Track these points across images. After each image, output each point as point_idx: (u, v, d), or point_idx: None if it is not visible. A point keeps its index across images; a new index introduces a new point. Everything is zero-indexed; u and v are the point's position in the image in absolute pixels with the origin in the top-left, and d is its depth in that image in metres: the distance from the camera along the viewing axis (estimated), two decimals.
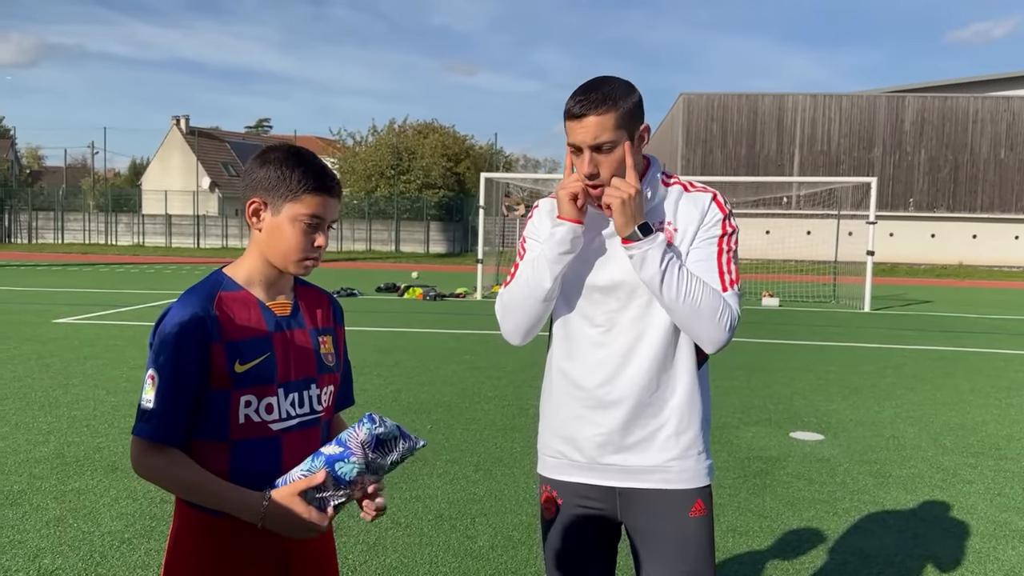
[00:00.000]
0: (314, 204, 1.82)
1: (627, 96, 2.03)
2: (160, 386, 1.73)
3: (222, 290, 1.84)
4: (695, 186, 2.19)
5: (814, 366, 10.04)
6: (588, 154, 2.03)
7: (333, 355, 1.97)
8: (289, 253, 1.84)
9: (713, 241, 2.10)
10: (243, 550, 1.80)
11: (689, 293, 2.02)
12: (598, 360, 2.13)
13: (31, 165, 72.86)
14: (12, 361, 8.90)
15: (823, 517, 4.78)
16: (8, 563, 3.83)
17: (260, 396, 1.80)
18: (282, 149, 1.86)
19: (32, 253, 36.03)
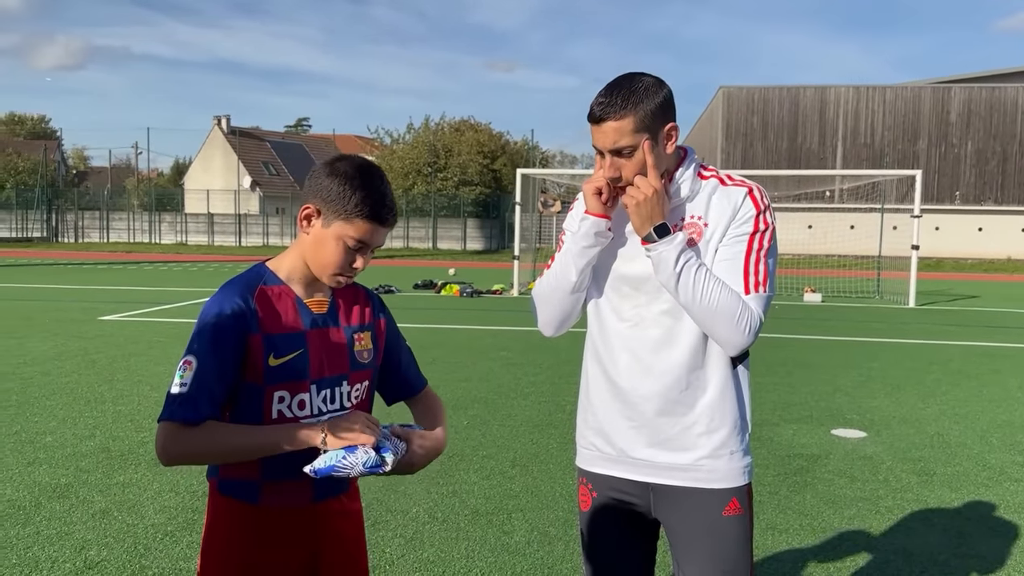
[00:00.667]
0: (364, 230, 1.82)
1: (650, 97, 1.98)
2: (197, 370, 1.74)
3: (263, 283, 1.87)
4: (733, 179, 2.13)
5: (857, 362, 9.88)
6: (609, 158, 2.02)
7: (369, 351, 1.99)
8: (326, 267, 1.86)
9: (743, 239, 2.04)
10: (275, 537, 1.83)
11: (705, 296, 1.98)
12: (627, 355, 2.12)
13: (77, 166, 74.55)
14: (60, 358, 9.12)
15: (865, 515, 4.69)
16: (56, 554, 3.93)
17: (293, 392, 1.83)
18: (353, 164, 1.84)
19: (79, 252, 36.85)
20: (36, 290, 17.53)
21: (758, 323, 2.01)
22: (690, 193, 2.09)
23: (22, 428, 6.13)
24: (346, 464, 1.74)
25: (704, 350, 2.08)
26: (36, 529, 4.22)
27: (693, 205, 2.09)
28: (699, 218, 2.08)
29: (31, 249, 38.52)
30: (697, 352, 2.07)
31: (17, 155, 52.26)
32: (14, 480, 4.96)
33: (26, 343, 10.04)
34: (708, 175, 2.14)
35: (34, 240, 45.35)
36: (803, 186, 32.89)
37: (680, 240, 2.00)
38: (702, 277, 1.98)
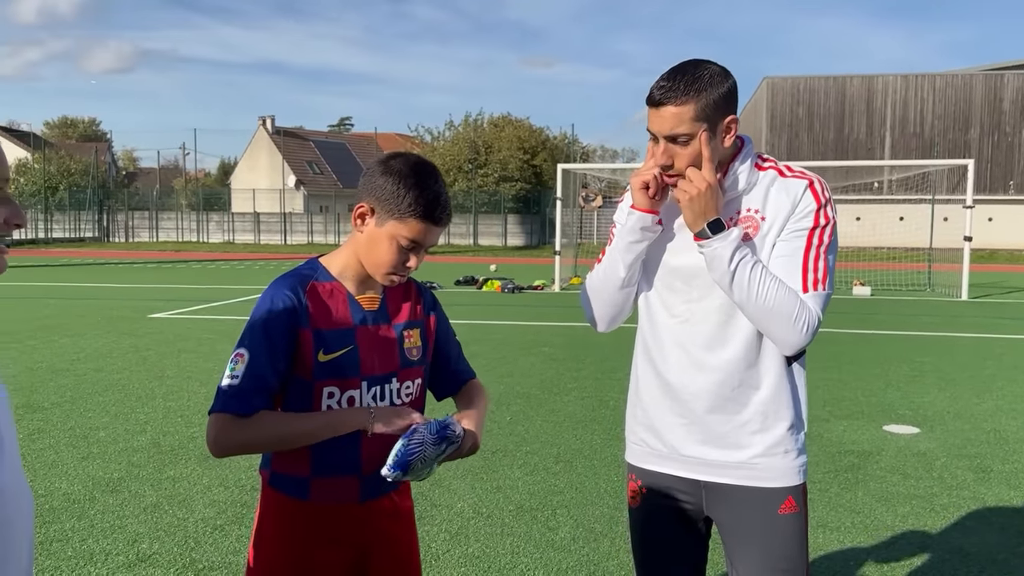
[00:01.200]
0: (417, 230, 1.81)
1: (714, 86, 1.92)
2: (248, 363, 1.76)
3: (315, 279, 1.87)
4: (792, 171, 2.06)
5: (908, 357, 9.66)
6: (663, 144, 1.96)
7: (419, 348, 1.98)
8: (380, 265, 1.85)
9: (802, 234, 1.97)
10: (325, 535, 1.83)
11: (760, 295, 1.92)
12: (677, 351, 2.07)
13: (127, 167, 76.21)
14: (112, 355, 9.32)
15: (919, 513, 4.58)
16: (109, 547, 4.00)
17: (343, 388, 1.83)
18: (407, 162, 1.83)
19: (129, 251, 37.66)
20: (89, 289, 17.95)
21: (816, 323, 1.95)
22: (747, 185, 2.02)
23: (76, 424, 6.28)
24: (415, 443, 1.74)
25: (758, 347, 2.02)
26: (90, 522, 4.31)
27: (750, 198, 2.03)
28: (756, 211, 2.01)
29: (84, 249, 39.48)
30: (751, 349, 2.02)
31: (69, 157, 53.56)
32: (69, 474, 5.07)
33: (79, 340, 10.28)
34: (766, 166, 2.07)
35: (86, 240, 46.45)
36: (851, 177, 32.28)
37: (735, 236, 1.93)
38: (758, 275, 1.92)
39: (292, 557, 1.84)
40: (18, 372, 8.20)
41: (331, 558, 1.84)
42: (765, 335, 1.99)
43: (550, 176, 38.60)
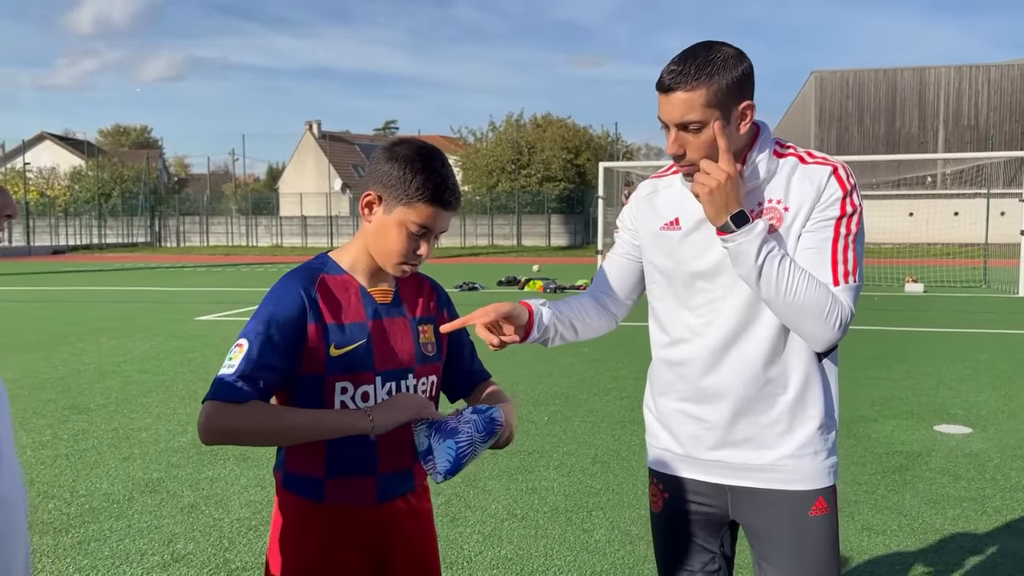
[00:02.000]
0: (426, 214, 1.76)
1: (728, 69, 1.81)
2: (247, 353, 1.71)
3: (325, 272, 1.83)
4: (813, 156, 1.95)
5: (962, 354, 9.35)
6: (674, 132, 1.86)
7: (433, 345, 1.93)
8: (390, 255, 1.81)
9: (829, 224, 1.87)
10: (342, 537, 1.79)
11: (790, 290, 1.82)
12: (700, 350, 1.98)
13: (178, 173, 77.90)
14: (158, 356, 9.47)
15: (970, 516, 4.40)
16: (145, 547, 4.04)
17: (356, 383, 1.78)
18: (412, 147, 1.79)
19: (180, 256, 38.44)
20: (139, 292, 18.34)
21: (848, 316, 1.85)
22: (767, 174, 1.91)
23: (120, 424, 6.37)
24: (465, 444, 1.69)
25: (783, 344, 1.93)
26: (128, 522, 4.35)
27: (771, 187, 1.92)
28: (778, 202, 1.90)
29: (136, 253, 40.41)
30: (776, 346, 1.92)
31: (122, 164, 54.92)
32: (110, 475, 5.14)
33: (127, 343, 10.48)
34: (786, 153, 1.96)
35: (139, 245, 47.56)
36: (903, 171, 31.55)
37: (760, 229, 1.83)
38: (786, 269, 1.82)
39: (309, 561, 1.80)
40: (66, 374, 8.38)
41: (349, 561, 1.80)
42: (795, 332, 1.89)
43: (593, 175, 38.42)
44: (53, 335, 11.18)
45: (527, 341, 2.04)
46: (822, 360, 1.96)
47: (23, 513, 1.29)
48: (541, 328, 2.06)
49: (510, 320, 1.99)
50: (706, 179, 1.83)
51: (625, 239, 2.19)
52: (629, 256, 2.19)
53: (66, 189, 53.28)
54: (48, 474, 5.15)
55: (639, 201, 2.14)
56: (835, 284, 1.85)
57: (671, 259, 2.02)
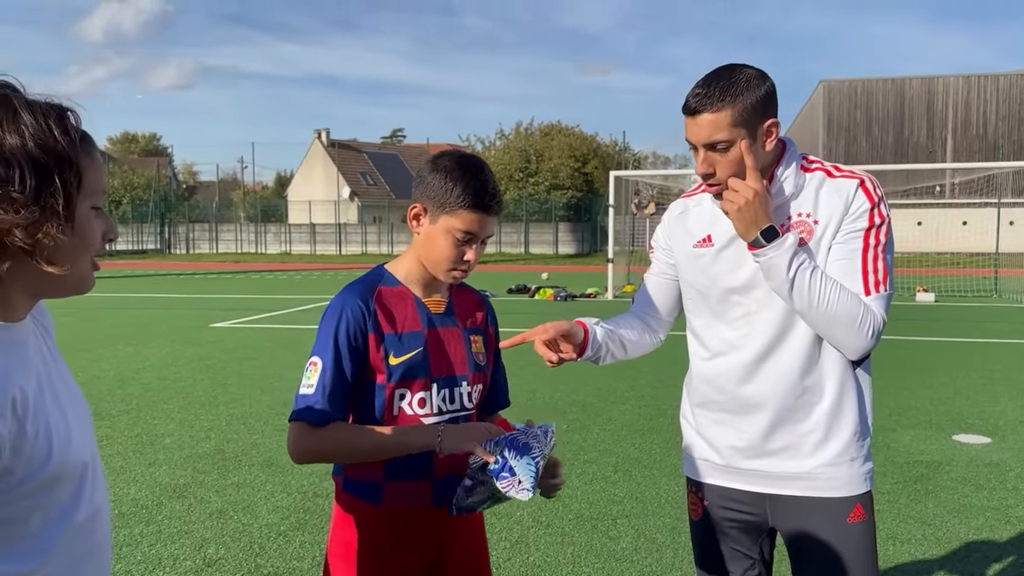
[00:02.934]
0: (469, 220, 1.83)
1: (751, 90, 1.87)
2: (321, 372, 1.80)
3: (382, 284, 1.91)
4: (841, 170, 2.00)
5: (977, 364, 9.36)
6: (703, 153, 1.92)
7: (484, 355, 1.99)
8: (439, 262, 1.88)
9: (858, 235, 1.92)
10: (400, 540, 1.84)
11: (822, 302, 1.87)
12: (737, 361, 2.02)
13: (187, 180, 78.21)
14: (176, 363, 9.54)
15: (994, 525, 4.42)
16: (177, 551, 4.09)
17: (414, 390, 1.85)
18: (453, 158, 1.87)
19: (190, 262, 38.58)
20: (152, 299, 18.43)
21: (881, 325, 1.91)
22: (795, 189, 1.97)
23: (143, 431, 6.43)
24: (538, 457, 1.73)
25: (819, 354, 1.97)
26: (158, 528, 4.40)
27: (799, 202, 1.97)
28: (808, 216, 1.95)
29: (146, 260, 40.57)
30: (811, 356, 1.97)
31: (132, 172, 55.21)
32: (137, 480, 5.20)
33: (144, 349, 10.55)
34: (813, 167, 2.01)
35: (148, 252, 47.74)
36: (911, 181, 31.50)
37: (791, 243, 1.88)
38: (818, 281, 1.87)
39: (367, 563, 1.85)
40: (86, 380, 8.44)
41: (406, 563, 1.85)
42: (828, 341, 1.94)
43: (601, 183, 38.57)
44: (70, 342, 11.25)
45: (581, 359, 2.10)
46: (856, 368, 2.01)
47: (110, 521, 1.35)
48: (595, 346, 2.12)
49: (567, 338, 2.04)
50: (735, 196, 1.89)
51: (661, 259, 2.24)
52: (666, 275, 2.23)
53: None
54: None
55: (672, 221, 2.20)
56: (866, 294, 1.90)
57: (705, 276, 2.07)
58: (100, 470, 1.30)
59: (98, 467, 1.28)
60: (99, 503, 1.26)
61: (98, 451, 1.36)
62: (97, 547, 1.25)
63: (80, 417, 1.27)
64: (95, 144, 1.28)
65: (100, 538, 1.26)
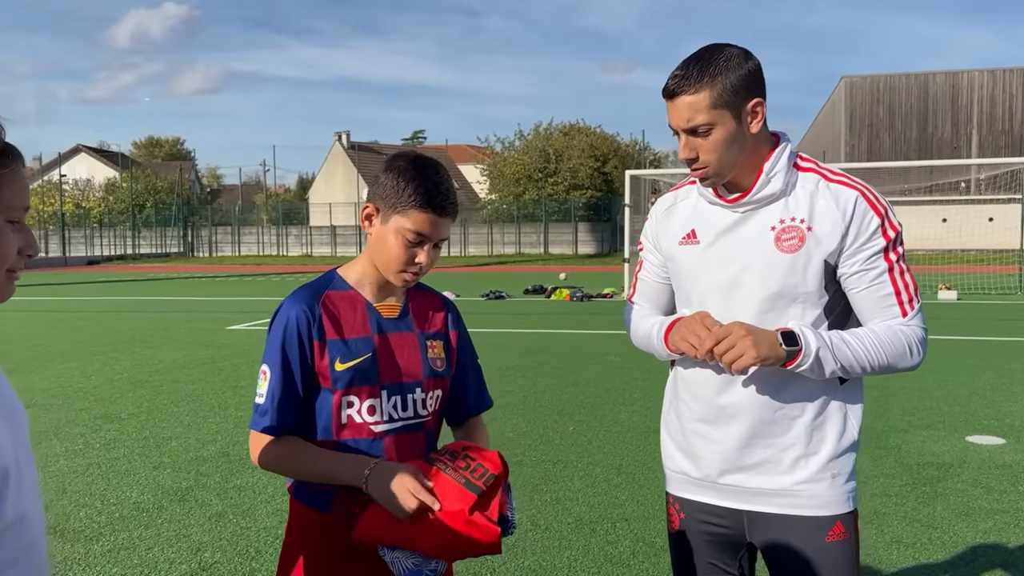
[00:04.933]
0: (420, 221, 1.78)
1: (731, 69, 1.80)
2: (271, 381, 1.79)
3: (330, 288, 1.87)
4: (836, 175, 1.91)
5: (996, 364, 9.19)
6: (684, 137, 1.86)
7: (443, 360, 1.94)
8: (390, 264, 1.83)
9: (878, 257, 1.85)
10: (354, 547, 1.80)
11: (873, 358, 1.85)
12: (716, 368, 1.93)
13: (211, 184, 78.92)
14: (189, 366, 9.60)
15: (1003, 529, 4.32)
16: (174, 555, 4.09)
17: (362, 397, 1.81)
18: (407, 158, 1.83)
19: (212, 265, 38.91)
20: (172, 302, 18.58)
21: (924, 337, 1.91)
22: (784, 187, 1.89)
23: (151, 433, 6.47)
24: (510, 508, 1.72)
25: None
26: (157, 531, 4.41)
27: (791, 204, 1.89)
28: (801, 221, 1.87)
29: (169, 264, 40.98)
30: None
31: (155, 176, 55.78)
32: (140, 483, 5.22)
33: (159, 352, 10.63)
34: (806, 166, 1.93)
35: (172, 255, 48.21)
36: (935, 177, 31.11)
37: (813, 342, 1.80)
38: (859, 345, 1.85)
39: (318, 571, 1.82)
40: (99, 384, 8.52)
41: (357, 571, 1.82)
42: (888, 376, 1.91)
43: (621, 183, 38.39)
44: (87, 345, 11.37)
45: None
46: (844, 382, 1.94)
47: (43, 529, 1.33)
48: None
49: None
50: (733, 355, 1.79)
51: (649, 259, 2.16)
52: (659, 278, 2.14)
53: (101, 200, 54.19)
54: (80, 483, 5.24)
55: (659, 216, 2.12)
56: (903, 315, 1.88)
57: (688, 273, 2.01)
58: (29, 477, 1.28)
59: (25, 473, 1.26)
60: (24, 510, 1.24)
61: (32, 458, 1.34)
62: (21, 554, 1.23)
63: (7, 423, 1.25)
64: (20, 159, 1.26)
65: (25, 545, 1.24)
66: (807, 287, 1.88)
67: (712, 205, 1.97)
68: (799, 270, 1.87)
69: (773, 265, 1.88)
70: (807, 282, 1.87)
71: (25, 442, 1.30)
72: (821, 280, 1.88)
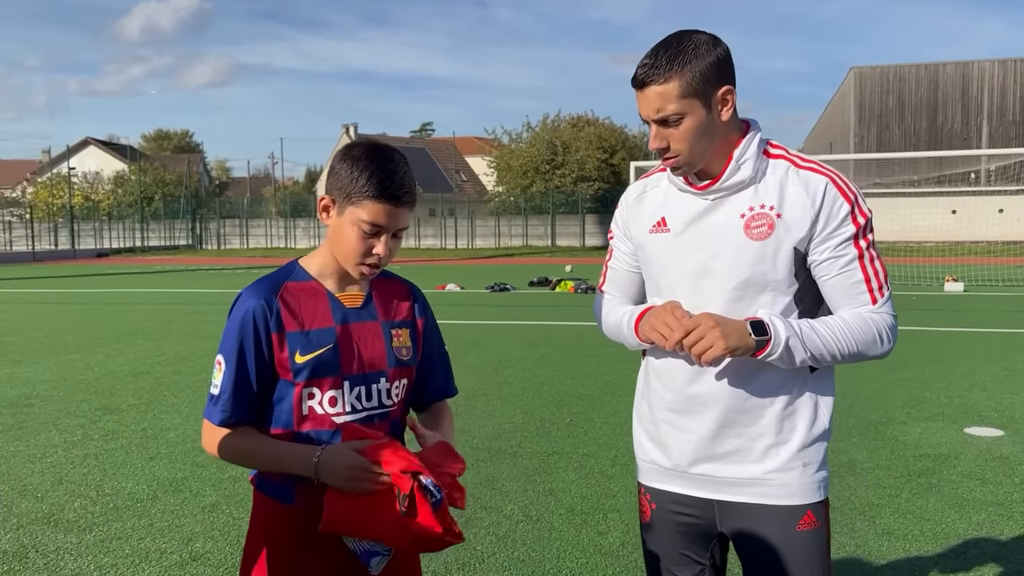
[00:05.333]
0: (375, 212, 1.75)
1: (700, 56, 1.78)
2: (225, 372, 1.78)
3: (290, 280, 1.85)
4: (805, 161, 1.90)
5: (999, 355, 9.14)
6: (654, 128, 1.84)
7: (409, 348, 1.92)
8: (348, 256, 1.81)
9: (848, 244, 1.84)
10: (312, 539, 1.80)
11: (843, 346, 1.84)
12: (686, 357, 1.92)
13: (219, 177, 79.08)
14: (191, 358, 9.63)
15: (995, 521, 4.30)
16: (165, 546, 4.11)
17: (324, 388, 1.79)
18: (364, 147, 1.79)
19: (220, 258, 39.05)
20: (178, 294, 18.66)
21: (894, 324, 1.90)
22: (754, 174, 1.87)
23: (149, 424, 6.50)
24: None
25: None
26: (150, 521, 4.43)
27: (760, 191, 1.87)
28: (771, 208, 1.85)
29: (177, 256, 41.13)
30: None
31: (164, 169, 55.98)
32: (136, 474, 5.25)
33: (162, 344, 10.67)
34: (776, 153, 1.92)
35: (180, 248, 48.40)
36: (945, 168, 30.95)
37: (782, 328, 1.80)
38: (828, 334, 1.84)
39: (280, 562, 1.82)
40: (101, 375, 8.56)
41: (319, 563, 1.81)
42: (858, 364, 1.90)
43: (628, 175, 38.32)
44: (91, 337, 11.43)
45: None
46: (814, 371, 1.93)
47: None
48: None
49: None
50: (703, 346, 1.77)
51: (620, 247, 2.13)
52: (629, 267, 2.12)
53: (110, 193, 54.43)
54: (77, 473, 5.27)
55: (629, 204, 2.10)
56: (873, 302, 1.87)
57: (658, 261, 1.99)
58: None
59: None
60: None
61: None
62: None
63: None
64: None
65: None
66: (777, 275, 1.86)
67: (682, 193, 1.95)
68: (768, 257, 1.85)
69: (743, 253, 1.86)
70: (777, 269, 1.86)
71: None
72: (791, 267, 1.87)
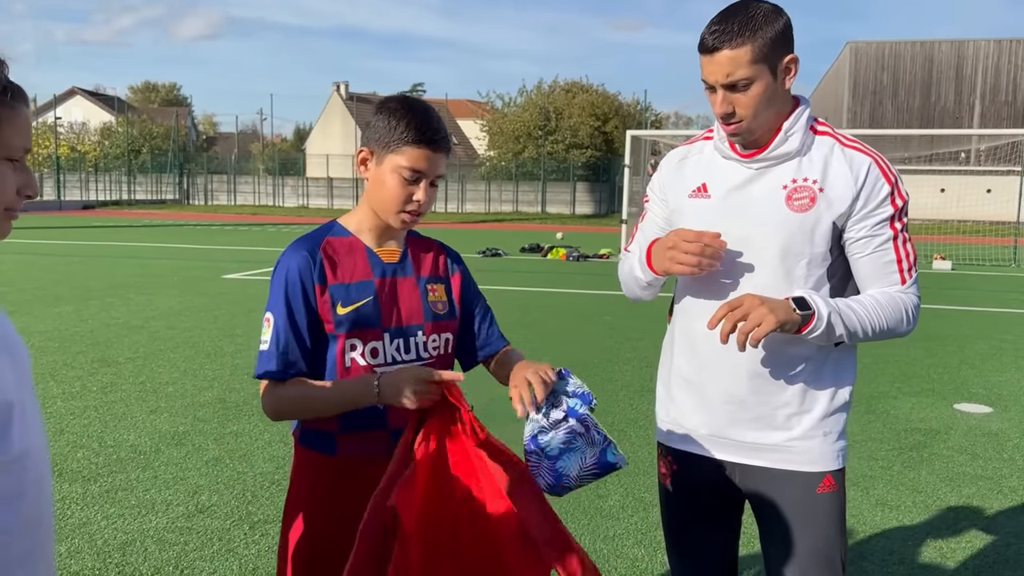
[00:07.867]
0: (414, 157, 1.80)
1: (769, 24, 1.82)
2: (275, 327, 1.81)
3: (330, 235, 1.90)
4: (851, 142, 1.95)
5: (987, 334, 9.27)
6: (721, 93, 1.86)
7: (444, 303, 1.97)
8: (388, 204, 1.85)
9: (885, 224, 1.90)
10: (354, 488, 1.84)
11: (876, 324, 1.91)
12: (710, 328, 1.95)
13: (207, 132, 78.16)
14: (184, 313, 9.62)
15: (985, 495, 4.41)
16: (171, 497, 4.15)
17: (365, 340, 1.84)
18: (398, 99, 1.86)
19: (207, 214, 38.74)
20: (166, 249, 18.54)
21: (918, 303, 1.97)
22: (800, 147, 1.92)
23: (147, 378, 6.51)
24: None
25: None
26: (154, 473, 4.47)
27: (804, 165, 1.92)
28: (814, 181, 1.90)
29: (164, 211, 40.78)
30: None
31: (152, 122, 55.24)
32: (137, 427, 5.27)
33: (154, 299, 10.64)
34: (822, 130, 1.96)
35: (167, 202, 47.95)
36: (936, 146, 31.03)
37: (823, 305, 1.84)
38: (863, 312, 1.89)
39: (322, 514, 1.86)
40: (96, 328, 8.55)
41: (361, 513, 1.85)
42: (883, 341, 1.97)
43: (621, 143, 38.13)
44: (82, 289, 11.37)
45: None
46: (838, 345, 1.97)
47: (47, 465, 1.36)
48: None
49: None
50: (751, 323, 1.79)
51: (655, 210, 2.16)
52: (660, 231, 2.13)
53: (96, 145, 53.72)
54: (77, 424, 5.29)
55: (670, 168, 2.13)
56: (903, 283, 1.93)
57: (695, 226, 2.00)
58: (33, 414, 1.30)
59: (29, 410, 1.29)
60: (29, 445, 1.27)
61: (35, 397, 1.36)
62: (27, 487, 1.26)
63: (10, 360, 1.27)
64: (24, 98, 1.26)
65: (31, 479, 1.27)
66: (815, 248, 1.91)
67: (726, 160, 1.99)
68: (808, 230, 1.90)
69: (783, 223, 1.90)
70: (815, 242, 1.90)
71: (28, 380, 1.32)
72: (828, 242, 1.91)
